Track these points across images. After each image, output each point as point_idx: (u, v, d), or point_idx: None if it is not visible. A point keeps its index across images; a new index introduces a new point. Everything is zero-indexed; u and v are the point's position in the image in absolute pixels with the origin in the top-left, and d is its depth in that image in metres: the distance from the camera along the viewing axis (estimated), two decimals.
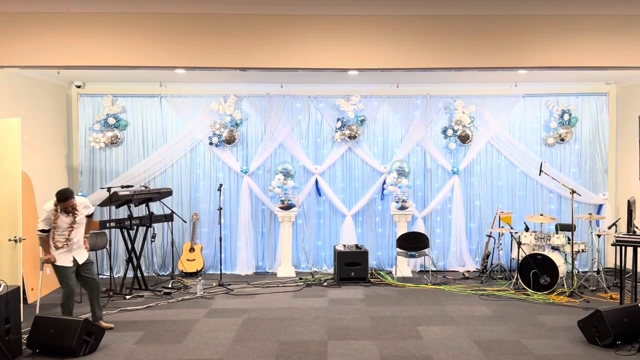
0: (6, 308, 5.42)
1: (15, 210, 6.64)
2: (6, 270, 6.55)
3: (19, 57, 5.66)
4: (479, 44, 6.13)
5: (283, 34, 5.93)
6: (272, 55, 5.98)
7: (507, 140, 9.63)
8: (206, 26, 5.77)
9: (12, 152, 6.70)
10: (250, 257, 9.55)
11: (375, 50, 6.04)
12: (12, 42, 5.55)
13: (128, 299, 7.81)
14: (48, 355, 5.55)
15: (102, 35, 5.71)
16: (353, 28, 6.00)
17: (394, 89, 9.52)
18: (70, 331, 5.55)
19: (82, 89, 9.52)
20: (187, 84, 9.44)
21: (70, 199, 6.00)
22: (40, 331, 5.66)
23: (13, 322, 5.51)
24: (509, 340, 6.01)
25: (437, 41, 6.07)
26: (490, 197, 9.73)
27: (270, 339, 6.10)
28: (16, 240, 6.59)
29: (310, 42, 6.01)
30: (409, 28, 6.00)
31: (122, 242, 8.52)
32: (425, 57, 6.11)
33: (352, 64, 6.19)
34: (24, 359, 5.50)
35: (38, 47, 5.64)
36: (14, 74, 7.79)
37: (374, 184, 9.61)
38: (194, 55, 5.87)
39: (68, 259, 6.14)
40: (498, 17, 6.06)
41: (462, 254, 9.66)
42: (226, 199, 9.56)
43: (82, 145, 9.53)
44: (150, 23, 5.69)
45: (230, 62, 6.00)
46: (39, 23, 5.54)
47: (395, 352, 5.63)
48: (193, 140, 9.58)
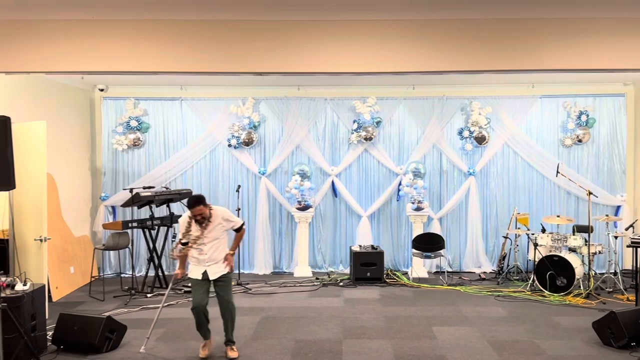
0: (32, 305, 5.62)
1: (41, 211, 6.85)
2: (32, 269, 6.74)
3: (45, 63, 5.84)
4: (494, 47, 6.17)
5: (299, 39, 6.04)
6: (289, 60, 6.09)
7: (524, 141, 9.64)
8: (224, 32, 5.91)
9: (38, 154, 6.89)
10: (267, 257, 9.70)
11: (392, 54, 6.11)
12: (38, 48, 5.74)
13: (149, 297, 8.01)
14: (72, 352, 5.73)
15: (124, 41, 5.88)
16: (369, 32, 6.09)
17: (410, 91, 9.59)
18: (93, 328, 5.72)
19: (105, 93, 9.76)
20: (206, 87, 9.62)
21: (197, 206, 5.42)
22: (64, 328, 5.85)
23: (38, 319, 5.71)
24: (523, 340, 6.06)
25: (453, 45, 6.12)
26: (507, 199, 9.74)
27: (287, 336, 6.23)
28: (41, 240, 6.79)
29: (327, 47, 6.10)
30: (425, 32, 6.06)
31: (144, 241, 8.72)
32: (441, 61, 6.16)
33: (369, 68, 6.26)
34: (49, 354, 5.68)
35: (63, 53, 5.82)
36: (40, 79, 8.02)
37: (390, 185, 9.69)
38: (213, 61, 6.01)
39: (198, 272, 5.59)
40: (513, 21, 6.10)
41: (479, 255, 9.69)
42: (244, 199, 9.72)
43: (105, 147, 9.76)
44: (170, 30, 5.84)
45: (247, 67, 6.12)
46: (64, 30, 5.72)
47: (409, 352, 5.72)
48: (212, 142, 9.75)
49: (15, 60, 5.61)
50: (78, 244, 8.88)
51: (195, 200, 5.43)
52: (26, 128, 6.83)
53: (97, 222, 9.58)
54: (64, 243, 8.45)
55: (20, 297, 5.42)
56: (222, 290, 5.62)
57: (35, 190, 6.87)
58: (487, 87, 9.54)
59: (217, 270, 5.57)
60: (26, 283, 5.67)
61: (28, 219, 6.93)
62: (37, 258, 6.84)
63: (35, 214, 6.89)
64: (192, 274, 5.62)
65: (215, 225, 5.52)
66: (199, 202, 5.42)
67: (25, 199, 6.92)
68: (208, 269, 5.55)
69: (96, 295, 8.05)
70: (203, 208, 5.43)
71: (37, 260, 6.84)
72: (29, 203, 6.92)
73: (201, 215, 5.44)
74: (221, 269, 5.59)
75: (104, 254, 9.66)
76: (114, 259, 9.72)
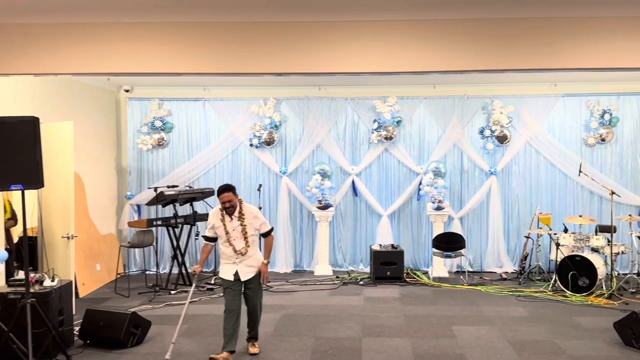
0: (60, 301, 5.79)
1: (68, 209, 7.04)
2: (59, 265, 6.93)
3: (72, 65, 5.98)
4: (515, 46, 6.15)
5: (320, 40, 6.09)
6: (310, 60, 6.15)
7: (546, 140, 9.57)
8: (245, 34, 6.00)
9: (65, 153, 7.07)
10: (288, 255, 9.80)
11: (412, 54, 6.12)
12: (66, 51, 5.88)
13: (173, 294, 8.16)
14: (98, 346, 5.89)
15: (149, 43, 6.01)
16: (390, 32, 6.11)
17: (430, 90, 9.59)
18: (118, 324, 5.87)
19: (130, 93, 9.96)
20: (229, 88, 9.74)
21: (226, 192, 5.32)
22: (90, 323, 6.01)
23: (66, 314, 5.89)
24: (544, 340, 6.05)
25: (474, 44, 6.11)
26: (529, 198, 9.68)
27: (307, 334, 6.32)
28: (68, 237, 6.98)
29: (347, 47, 6.15)
30: (446, 31, 6.07)
31: (168, 239, 8.88)
32: (462, 60, 6.16)
33: (389, 68, 6.27)
34: (75, 349, 5.85)
35: (90, 55, 5.96)
36: (67, 80, 8.21)
37: (410, 185, 9.71)
38: (234, 62, 6.10)
39: (229, 272, 5.46)
40: (535, 20, 6.07)
41: (500, 255, 9.65)
42: (265, 198, 9.82)
43: (131, 147, 9.96)
44: (193, 32, 5.95)
45: (268, 68, 6.20)
46: (91, 33, 5.86)
47: (428, 350, 5.75)
48: (234, 142, 9.88)
49: (44, 62, 5.77)
50: (104, 241, 9.08)
51: (226, 187, 5.36)
52: (54, 128, 7.03)
53: (122, 220, 9.78)
54: (91, 241, 8.65)
55: (48, 293, 5.59)
56: (252, 293, 5.54)
57: (63, 189, 7.05)
58: (509, 86, 9.49)
59: (248, 271, 5.46)
60: (54, 279, 5.83)
61: (56, 217, 7.13)
62: (65, 255, 7.03)
63: (63, 212, 7.07)
64: (223, 273, 5.51)
65: (249, 220, 5.40)
66: (228, 189, 5.34)
67: (54, 197, 7.11)
68: (239, 268, 5.43)
69: (121, 291, 8.24)
70: (232, 195, 5.33)
71: (64, 257, 7.03)
72: (57, 201, 7.11)
73: (230, 203, 5.32)
74: (252, 270, 5.48)
75: (129, 252, 9.86)
76: (139, 257, 9.91)
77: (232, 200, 5.34)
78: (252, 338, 5.71)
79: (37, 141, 5.21)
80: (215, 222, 5.45)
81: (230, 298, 5.44)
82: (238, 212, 5.40)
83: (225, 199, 5.31)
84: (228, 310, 5.43)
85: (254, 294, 5.56)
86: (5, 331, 5.20)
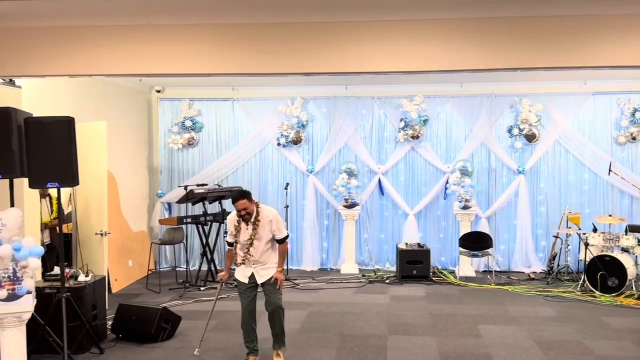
0: (93, 296, 5.98)
1: (102, 207, 7.25)
2: (93, 261, 7.15)
3: (106, 66, 6.15)
4: (544, 44, 6.10)
5: (346, 39, 6.14)
6: (337, 60, 6.22)
7: (575, 139, 9.46)
8: (273, 35, 6.08)
9: (99, 153, 7.29)
10: (315, 253, 9.89)
11: (440, 53, 6.12)
12: (100, 53, 6.05)
13: (202, 290, 8.33)
14: (130, 340, 6.07)
15: (179, 45, 6.15)
16: (416, 31, 6.12)
17: (457, 89, 9.56)
18: (150, 318, 6.04)
19: (161, 94, 10.17)
20: (257, 88, 9.88)
21: (240, 199, 5.17)
22: (123, 318, 6.19)
23: (99, 308, 6.08)
24: (571, 340, 6.02)
25: (502, 42, 6.09)
26: (558, 197, 9.58)
27: (333, 331, 6.39)
28: (102, 234, 7.19)
29: (373, 47, 6.18)
30: (474, 30, 6.05)
31: (198, 237, 9.06)
32: (490, 58, 6.15)
33: (416, 67, 6.28)
34: (108, 342, 6.03)
35: (123, 57, 6.13)
36: (101, 82, 8.43)
37: (437, 184, 9.70)
38: (263, 62, 6.19)
39: (244, 274, 5.33)
40: (564, 17, 6.02)
41: (528, 255, 9.58)
42: (292, 197, 9.92)
43: (162, 147, 10.18)
44: (221, 33, 6.07)
45: (296, 68, 6.28)
46: (123, 35, 6.02)
47: (454, 349, 5.77)
48: (262, 141, 10.01)
49: (79, 64, 5.94)
50: (136, 238, 9.30)
51: (240, 194, 5.23)
52: (88, 128, 7.24)
53: (153, 218, 10.01)
54: (123, 238, 8.88)
55: (82, 288, 5.78)
56: (271, 291, 5.30)
57: (97, 187, 7.26)
58: (538, 84, 9.40)
59: (264, 274, 5.29)
60: (88, 274, 6.03)
61: (90, 215, 7.35)
62: (98, 251, 7.24)
63: (97, 210, 7.29)
64: (238, 274, 5.37)
65: (264, 224, 5.24)
66: (243, 196, 5.19)
67: (88, 195, 7.33)
68: (255, 272, 5.29)
69: (152, 287, 8.44)
70: (247, 202, 5.17)
71: (98, 253, 7.25)
72: (91, 199, 7.33)
73: (245, 211, 5.18)
74: (268, 274, 5.30)
75: (160, 249, 10.08)
76: (169, 253, 10.12)
77: (248, 207, 5.20)
78: (278, 345, 5.47)
79: (72, 140, 5.39)
80: (232, 229, 5.36)
81: (246, 303, 5.32)
82: (254, 218, 5.25)
83: (240, 207, 5.17)
84: (244, 317, 5.35)
85: (272, 294, 5.30)
86: (41, 324, 5.41)
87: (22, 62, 5.70)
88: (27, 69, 5.78)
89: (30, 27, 5.67)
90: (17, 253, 4.99)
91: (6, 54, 5.66)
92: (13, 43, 5.64)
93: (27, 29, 5.67)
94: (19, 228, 5.19)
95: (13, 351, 4.99)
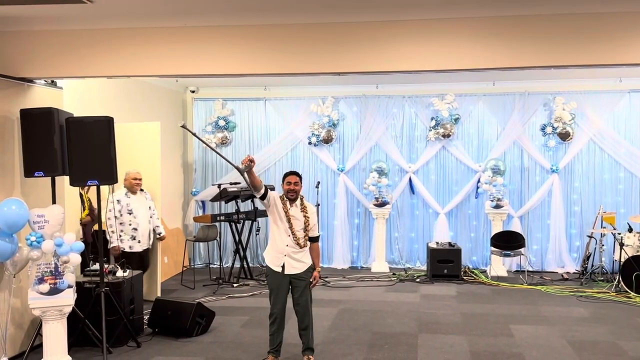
0: (131, 291, 6.15)
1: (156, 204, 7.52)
2: None
3: (142, 67, 6.31)
4: (578, 42, 6.02)
5: (378, 39, 6.17)
6: (368, 59, 6.24)
7: (610, 137, 9.29)
8: (306, 35, 6.16)
9: (153, 152, 7.58)
10: (345, 251, 9.95)
11: (472, 51, 6.09)
12: (137, 54, 6.21)
13: (235, 286, 8.47)
14: (165, 335, 6.22)
15: (213, 46, 6.27)
16: (448, 30, 6.10)
17: (489, 87, 9.49)
18: (185, 313, 6.18)
19: (196, 94, 10.37)
20: (289, 87, 9.98)
21: (294, 174, 5.15)
22: (159, 312, 6.35)
23: (136, 303, 6.24)
24: (605, 341, 5.95)
25: (535, 40, 6.02)
26: (592, 197, 9.44)
27: (364, 329, 6.45)
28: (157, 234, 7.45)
29: (405, 46, 6.19)
30: (507, 28, 6.01)
31: (231, 234, 9.21)
32: (523, 56, 6.10)
33: (448, 65, 6.26)
34: (145, 336, 6.19)
35: (159, 58, 6.29)
36: (138, 82, 8.65)
37: (468, 183, 9.66)
38: (295, 63, 6.27)
39: (277, 261, 5.13)
40: (598, 15, 5.95)
41: (562, 255, 9.46)
42: (323, 196, 9.99)
43: (196, 146, 10.37)
44: (254, 34, 6.16)
45: (327, 68, 6.34)
46: (160, 37, 6.17)
47: (485, 348, 5.77)
48: (294, 140, 10.11)
49: (116, 65, 6.10)
50: (171, 235, 9.49)
51: (295, 171, 5.24)
52: (142, 128, 7.64)
53: (188, 216, 10.20)
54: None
55: (120, 283, 5.95)
56: (297, 291, 5.15)
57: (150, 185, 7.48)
58: (572, 82, 9.27)
59: (296, 265, 5.11)
60: (126, 270, 6.21)
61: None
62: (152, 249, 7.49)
63: None
64: (270, 261, 5.16)
65: (310, 213, 5.15)
66: (297, 173, 5.19)
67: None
68: (286, 261, 5.09)
69: (187, 283, 8.62)
70: (299, 181, 5.14)
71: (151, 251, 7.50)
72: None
73: (295, 187, 5.10)
74: (301, 266, 5.13)
75: (195, 246, 10.28)
76: (203, 250, 10.31)
77: (298, 184, 5.13)
78: (308, 350, 5.30)
79: (111, 139, 5.56)
80: (277, 203, 5.11)
81: (275, 299, 5.16)
82: (300, 203, 5.16)
83: (292, 180, 5.10)
84: (272, 312, 5.18)
85: (302, 293, 5.15)
86: (81, 318, 5.61)
87: (62, 63, 5.88)
88: (67, 71, 5.96)
89: (70, 29, 5.87)
90: (58, 249, 5.19)
91: (47, 56, 5.87)
92: (54, 46, 5.84)
93: (67, 32, 5.86)
94: (60, 224, 5.40)
95: (55, 343, 5.20)
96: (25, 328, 5.73)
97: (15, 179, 5.65)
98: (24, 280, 5.43)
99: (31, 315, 5.46)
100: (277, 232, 5.12)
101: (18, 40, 5.81)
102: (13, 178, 5.63)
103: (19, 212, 5.09)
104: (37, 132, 5.46)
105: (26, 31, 5.82)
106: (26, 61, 5.83)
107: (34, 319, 5.60)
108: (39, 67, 5.87)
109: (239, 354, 5.68)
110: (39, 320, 5.34)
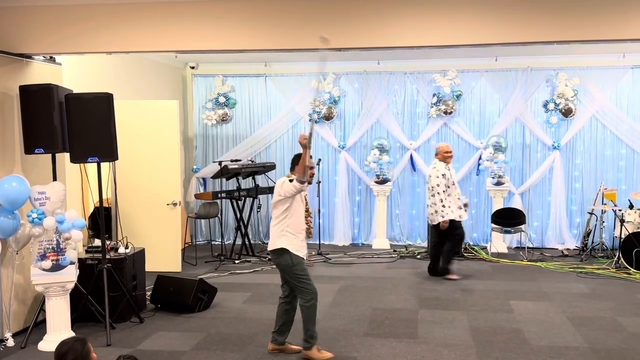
0: (133, 267, 6.19)
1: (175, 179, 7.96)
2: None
3: (142, 42, 6.24)
4: (582, 16, 5.95)
5: (379, 14, 6.10)
6: (370, 35, 6.18)
7: (613, 114, 9.23)
8: (304, 11, 6.09)
9: (171, 129, 7.79)
10: (346, 228, 9.97)
11: (474, 27, 6.01)
12: (136, 29, 6.14)
13: (237, 263, 8.52)
14: (168, 310, 6.29)
15: (214, 21, 6.21)
16: (450, 5, 6.04)
17: (492, 63, 9.38)
18: (187, 289, 6.23)
19: (195, 70, 10.29)
20: (289, 64, 9.87)
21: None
22: (161, 289, 6.40)
23: (139, 279, 6.28)
24: (604, 317, 5.99)
25: (538, 15, 5.94)
26: (593, 173, 9.41)
27: (364, 304, 6.49)
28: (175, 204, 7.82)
29: (406, 21, 6.11)
30: (509, 3, 5.95)
31: (232, 211, 9.23)
32: (526, 32, 6.03)
33: (451, 41, 6.19)
34: (147, 312, 6.26)
35: (159, 33, 6.22)
36: (137, 58, 8.57)
37: (470, 160, 9.63)
38: (295, 38, 6.22)
39: (303, 250, 4.92)
40: None
41: (562, 231, 9.48)
42: (324, 173, 9.98)
43: (197, 123, 10.34)
44: (256, 9, 6.09)
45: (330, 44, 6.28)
46: (160, 12, 6.09)
47: (485, 324, 5.81)
48: (294, 117, 10.06)
49: (116, 41, 6.04)
50: None
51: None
52: (159, 105, 7.94)
53: (189, 193, 10.21)
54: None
55: (122, 259, 5.99)
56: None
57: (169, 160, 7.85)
58: (575, 58, 9.17)
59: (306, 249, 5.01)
60: (128, 247, 6.23)
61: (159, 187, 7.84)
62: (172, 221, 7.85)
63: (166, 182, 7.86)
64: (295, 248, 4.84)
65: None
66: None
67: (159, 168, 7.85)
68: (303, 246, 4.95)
69: (189, 260, 8.64)
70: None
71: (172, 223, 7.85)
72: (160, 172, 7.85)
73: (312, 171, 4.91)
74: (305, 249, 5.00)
75: (196, 222, 10.31)
76: (204, 227, 10.35)
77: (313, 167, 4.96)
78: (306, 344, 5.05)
79: (111, 116, 5.54)
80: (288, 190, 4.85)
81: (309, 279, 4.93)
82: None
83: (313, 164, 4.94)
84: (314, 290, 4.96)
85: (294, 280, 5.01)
86: (84, 294, 5.65)
87: (60, 39, 5.81)
88: (66, 47, 5.90)
89: (68, 5, 5.79)
90: (60, 225, 5.21)
91: (45, 31, 5.80)
92: (52, 21, 5.77)
93: (64, 7, 5.78)
94: (61, 201, 5.41)
95: (58, 318, 5.26)
96: (29, 304, 5.78)
97: (15, 156, 5.64)
98: (26, 256, 5.47)
99: (34, 291, 5.51)
100: (297, 218, 4.89)
101: (16, 15, 5.74)
102: (13, 155, 5.63)
103: (19, 189, 5.10)
104: (36, 109, 5.44)
105: (24, 6, 5.75)
106: (25, 36, 5.76)
107: (37, 295, 5.65)
108: (38, 43, 5.81)
109: (240, 329, 5.73)
110: (42, 296, 5.39)
